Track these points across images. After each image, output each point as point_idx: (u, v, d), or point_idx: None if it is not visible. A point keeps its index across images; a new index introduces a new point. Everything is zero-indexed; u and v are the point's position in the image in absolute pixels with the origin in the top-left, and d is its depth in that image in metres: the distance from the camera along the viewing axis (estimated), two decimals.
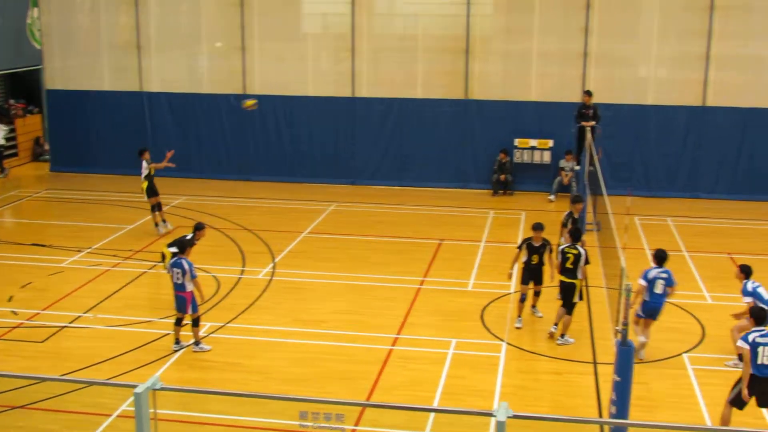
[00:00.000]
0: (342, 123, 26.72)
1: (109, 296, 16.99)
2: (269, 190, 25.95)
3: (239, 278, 18.09)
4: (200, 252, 16.82)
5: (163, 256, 16.63)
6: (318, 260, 19.30)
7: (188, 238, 15.32)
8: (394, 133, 26.50)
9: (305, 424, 7.87)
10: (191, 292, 14.31)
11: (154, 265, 18.49)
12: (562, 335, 15.01)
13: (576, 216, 17.19)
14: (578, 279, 14.82)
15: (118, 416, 12.31)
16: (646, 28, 25.29)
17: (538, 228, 15.61)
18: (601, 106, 23.73)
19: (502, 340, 15.10)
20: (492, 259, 19.46)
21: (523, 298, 15.75)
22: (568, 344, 14.89)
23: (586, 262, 14.87)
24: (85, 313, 16.08)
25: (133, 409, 7.31)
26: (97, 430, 12.01)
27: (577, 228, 15.63)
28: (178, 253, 14.60)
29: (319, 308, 16.51)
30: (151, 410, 7.31)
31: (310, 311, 16.33)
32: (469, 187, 26.20)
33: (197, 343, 14.55)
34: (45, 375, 12.82)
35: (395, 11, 26.89)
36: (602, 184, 17.79)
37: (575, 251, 14.82)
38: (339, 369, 13.96)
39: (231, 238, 20.84)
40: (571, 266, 14.83)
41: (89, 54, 27.81)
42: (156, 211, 21.06)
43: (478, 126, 26.09)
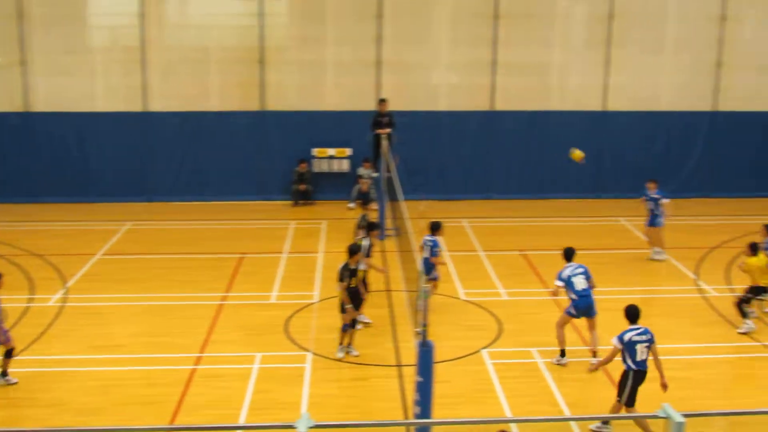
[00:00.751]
0: (135, 138, 25.84)
1: None
2: (59, 212, 24.68)
3: (27, 306, 17.11)
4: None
5: None
6: (114, 282, 18.59)
7: None
8: (190, 147, 25.94)
9: None
10: None
11: None
12: (348, 345, 14.98)
13: (370, 219, 17.41)
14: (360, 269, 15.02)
15: None
16: (436, 36, 26.04)
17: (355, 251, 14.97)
18: (396, 114, 24.23)
19: (307, 351, 15.06)
20: (294, 270, 19.43)
21: (353, 324, 15.11)
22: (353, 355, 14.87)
23: (368, 255, 15.54)
24: None
25: None
26: None
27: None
28: None
29: (117, 332, 15.89)
30: None
31: (107, 336, 15.69)
32: (270, 199, 26.02)
33: (4, 374, 13.66)
34: None
35: (187, 22, 26.31)
36: (399, 190, 18.12)
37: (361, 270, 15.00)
38: (140, 394, 13.47)
39: (17, 265, 19.66)
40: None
41: None
42: None
43: (276, 137, 25.99)
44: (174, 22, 26.27)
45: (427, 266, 15.87)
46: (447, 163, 26.30)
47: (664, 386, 12.18)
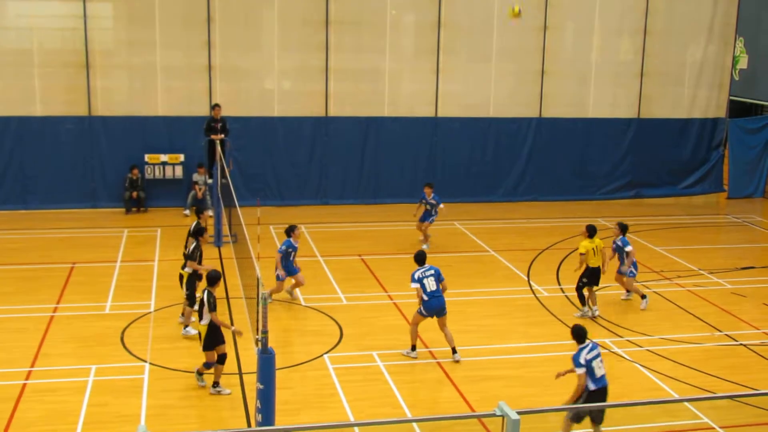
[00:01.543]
0: None
1: None
2: None
3: None
4: None
5: None
6: None
7: None
8: (13, 154, 24.76)
9: None
10: None
11: None
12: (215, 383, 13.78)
13: (203, 224, 17.06)
14: (202, 324, 13.51)
15: None
16: (268, 42, 25.97)
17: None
18: (230, 119, 24.03)
19: (145, 361, 14.72)
20: (129, 279, 18.93)
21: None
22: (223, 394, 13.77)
23: (211, 309, 13.29)
24: None
25: None
26: None
27: (211, 274, 13.86)
28: None
29: None
30: None
31: None
32: (100, 207, 25.20)
33: None
34: None
35: (6, 24, 25.07)
36: (234, 196, 17.99)
37: (202, 295, 13.57)
38: None
39: None
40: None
41: None
42: None
43: (105, 143, 25.19)
44: None
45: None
46: (283, 169, 26.27)
47: None
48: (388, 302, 17.94)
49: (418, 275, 14.96)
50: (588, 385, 11.73)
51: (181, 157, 25.42)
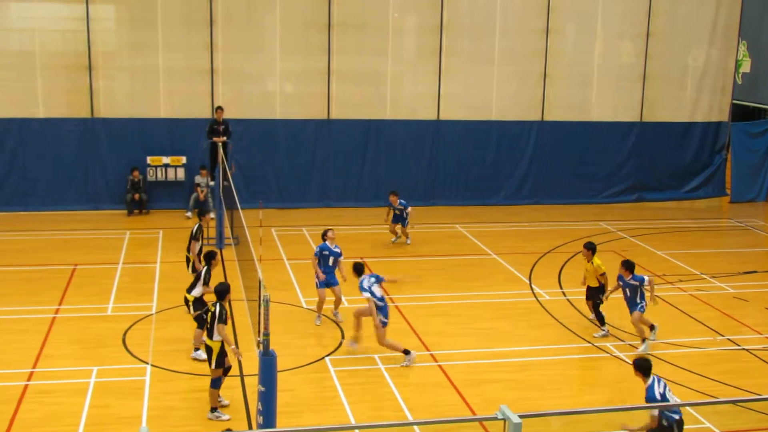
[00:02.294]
0: None
1: None
2: None
3: None
4: None
5: None
6: None
7: None
8: (16, 155, 24.81)
9: None
10: None
11: None
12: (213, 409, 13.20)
13: (205, 227, 17.12)
14: (214, 341, 12.98)
15: None
16: (270, 44, 25.97)
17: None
18: (232, 122, 24.04)
19: (146, 363, 14.72)
20: (131, 281, 18.93)
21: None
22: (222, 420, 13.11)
23: (221, 321, 12.83)
24: None
25: None
26: None
27: (220, 287, 13.34)
28: None
29: None
30: None
31: None
32: (102, 208, 25.22)
33: None
34: None
35: (8, 26, 25.10)
36: (236, 199, 17.99)
37: (211, 305, 13.26)
38: None
39: None
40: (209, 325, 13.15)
41: None
42: None
43: (107, 145, 25.22)
44: None
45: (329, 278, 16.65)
46: (284, 172, 26.28)
47: None
48: (389, 305, 17.88)
49: (366, 284, 15.08)
50: (670, 417, 11.22)
51: (183, 159, 25.43)
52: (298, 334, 16.19)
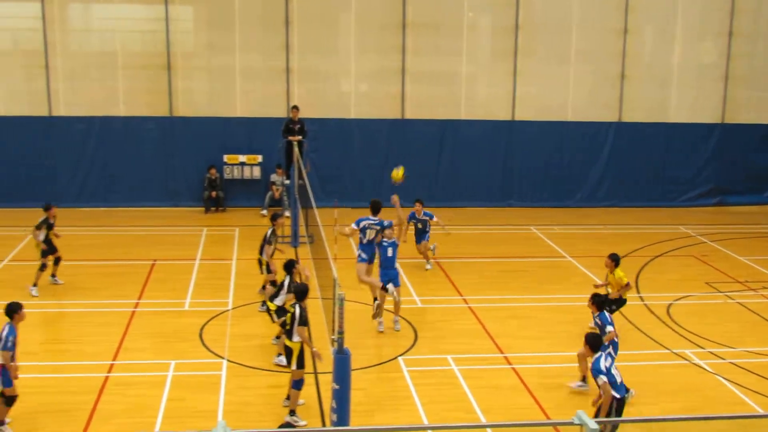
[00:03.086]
0: (39, 143, 25.22)
1: None
2: None
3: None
4: None
5: None
6: (22, 289, 18.01)
7: None
8: (98, 153, 25.43)
9: None
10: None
11: None
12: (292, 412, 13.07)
13: (279, 231, 17.35)
14: (294, 342, 12.98)
15: None
16: (345, 44, 26.14)
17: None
18: (307, 121, 24.24)
19: (222, 358, 14.92)
20: (207, 277, 19.22)
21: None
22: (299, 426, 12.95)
23: (301, 323, 12.84)
24: None
25: None
26: None
27: (300, 288, 13.40)
28: None
29: (27, 340, 15.27)
30: None
31: (18, 344, 15.19)
32: (181, 206, 25.73)
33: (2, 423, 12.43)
34: None
35: (91, 27, 25.77)
36: (311, 197, 18.12)
37: (292, 310, 13.14)
38: (52, 402, 13.13)
39: None
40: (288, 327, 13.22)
41: None
42: None
43: (185, 143, 25.69)
44: (78, 27, 25.71)
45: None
46: (359, 171, 26.41)
47: None
48: (463, 306, 17.87)
49: (363, 224, 16.69)
50: (614, 395, 11.38)
51: (259, 158, 25.74)
52: (371, 333, 16.24)
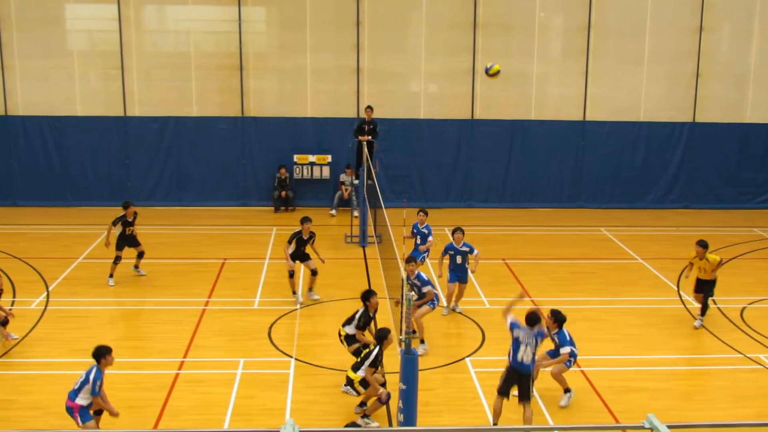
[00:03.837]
0: (114, 143, 25.82)
1: None
2: (38, 216, 24.64)
3: (10, 309, 16.97)
4: None
5: None
6: (96, 286, 18.48)
7: None
8: (171, 152, 25.90)
9: None
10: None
11: None
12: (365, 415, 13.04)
13: (305, 237, 17.63)
14: (357, 375, 12.89)
15: None
16: (415, 45, 26.15)
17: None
18: (377, 121, 24.28)
19: (291, 357, 15.04)
20: (277, 276, 19.36)
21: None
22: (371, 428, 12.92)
23: (372, 365, 12.70)
24: None
25: None
26: None
27: (381, 333, 12.94)
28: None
29: (100, 336, 15.72)
30: None
31: (90, 340, 15.47)
32: (251, 205, 26.07)
33: None
34: None
35: (165, 28, 26.27)
36: (380, 197, 18.16)
37: (371, 348, 12.86)
38: (123, 397, 13.35)
39: None
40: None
41: None
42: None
43: (256, 143, 26.00)
44: (152, 28, 26.20)
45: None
46: (428, 171, 26.42)
47: None
48: (531, 308, 17.67)
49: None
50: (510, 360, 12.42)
51: (329, 158, 25.91)
52: (439, 333, 16.19)
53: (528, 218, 25.31)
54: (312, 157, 25.97)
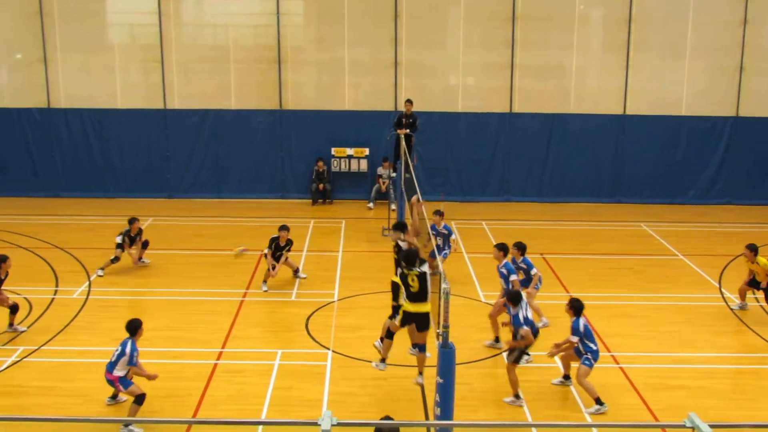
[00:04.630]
0: (154, 135, 26.06)
1: None
2: (80, 207, 24.96)
3: (52, 298, 17.24)
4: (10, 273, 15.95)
5: None
6: (136, 276, 18.70)
7: None
8: (210, 145, 26.09)
9: None
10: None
11: None
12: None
13: (282, 244, 18.18)
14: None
15: None
16: (453, 38, 26.07)
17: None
18: (416, 114, 24.25)
19: (328, 349, 15.09)
20: (314, 268, 19.44)
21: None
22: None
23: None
24: None
25: None
26: None
27: (409, 252, 13.61)
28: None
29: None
30: None
31: None
32: (289, 197, 26.17)
33: None
34: None
35: (204, 22, 26.45)
36: (418, 191, 18.12)
37: (416, 271, 13.19)
38: (163, 387, 13.49)
39: (42, 258, 19.84)
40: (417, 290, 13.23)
41: None
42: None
43: (294, 136, 26.09)
44: (191, 21, 26.40)
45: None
46: (465, 165, 26.34)
47: None
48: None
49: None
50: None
51: (366, 151, 25.93)
52: (476, 327, 16.15)
53: (566, 213, 25.15)
54: (350, 150, 26.02)
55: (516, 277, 15.14)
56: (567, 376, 13.86)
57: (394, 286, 13.78)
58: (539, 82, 26.25)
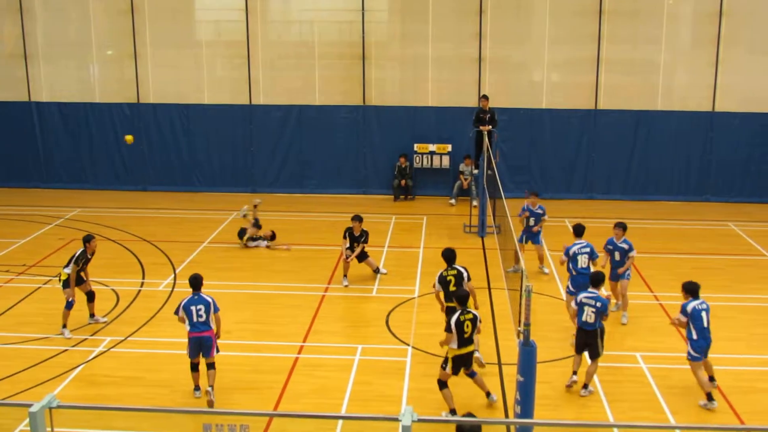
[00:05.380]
0: (240, 131, 26.47)
1: (2, 313, 16.37)
2: (166, 200, 25.53)
3: (139, 290, 17.68)
4: (97, 265, 16.44)
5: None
6: (220, 270, 19.02)
7: (79, 253, 15.02)
8: (293, 140, 26.38)
9: None
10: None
11: (49, 280, 17.91)
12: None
13: (356, 233, 18.23)
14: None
15: None
16: (538, 34, 25.82)
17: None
18: (498, 110, 24.11)
19: (408, 345, 15.13)
20: (395, 264, 19.51)
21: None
22: None
23: (468, 279, 14.07)
24: None
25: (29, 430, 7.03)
26: None
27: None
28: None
29: (224, 319, 15.92)
30: (48, 429, 7.04)
31: None
32: (371, 193, 26.31)
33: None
34: None
35: (290, 18, 26.75)
36: (500, 188, 18.04)
37: (453, 271, 14.08)
38: (244, 379, 13.76)
39: (129, 250, 20.36)
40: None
41: None
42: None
43: (377, 132, 26.20)
44: (277, 18, 26.71)
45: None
46: (548, 162, 26.08)
47: None
48: (653, 303, 17.32)
49: (573, 250, 15.60)
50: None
51: (449, 147, 25.89)
52: (557, 326, 16.00)
53: (651, 211, 24.69)
54: (432, 147, 26.00)
55: (635, 253, 16.18)
56: (711, 397, 13.12)
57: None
58: (626, 78, 25.81)
